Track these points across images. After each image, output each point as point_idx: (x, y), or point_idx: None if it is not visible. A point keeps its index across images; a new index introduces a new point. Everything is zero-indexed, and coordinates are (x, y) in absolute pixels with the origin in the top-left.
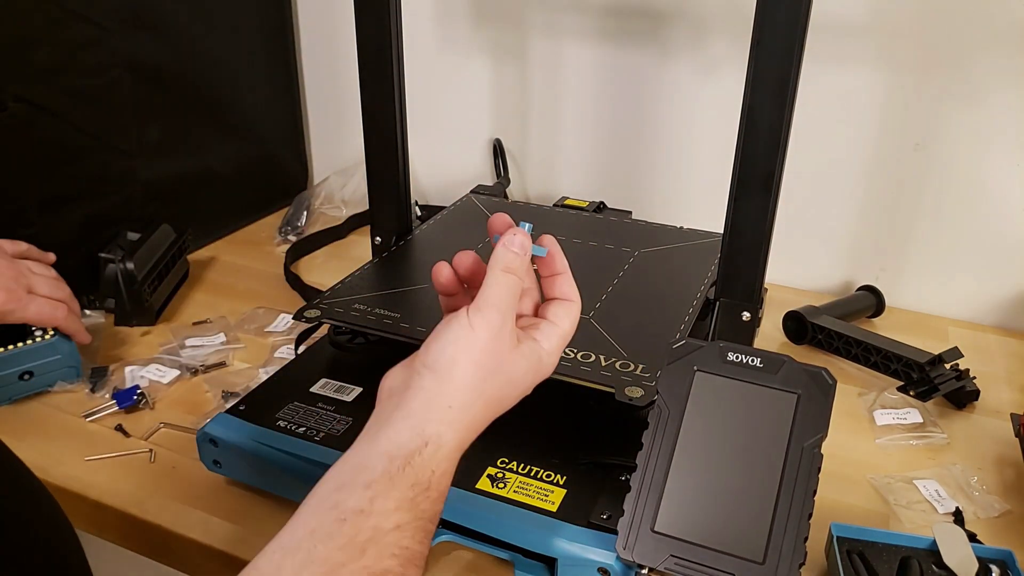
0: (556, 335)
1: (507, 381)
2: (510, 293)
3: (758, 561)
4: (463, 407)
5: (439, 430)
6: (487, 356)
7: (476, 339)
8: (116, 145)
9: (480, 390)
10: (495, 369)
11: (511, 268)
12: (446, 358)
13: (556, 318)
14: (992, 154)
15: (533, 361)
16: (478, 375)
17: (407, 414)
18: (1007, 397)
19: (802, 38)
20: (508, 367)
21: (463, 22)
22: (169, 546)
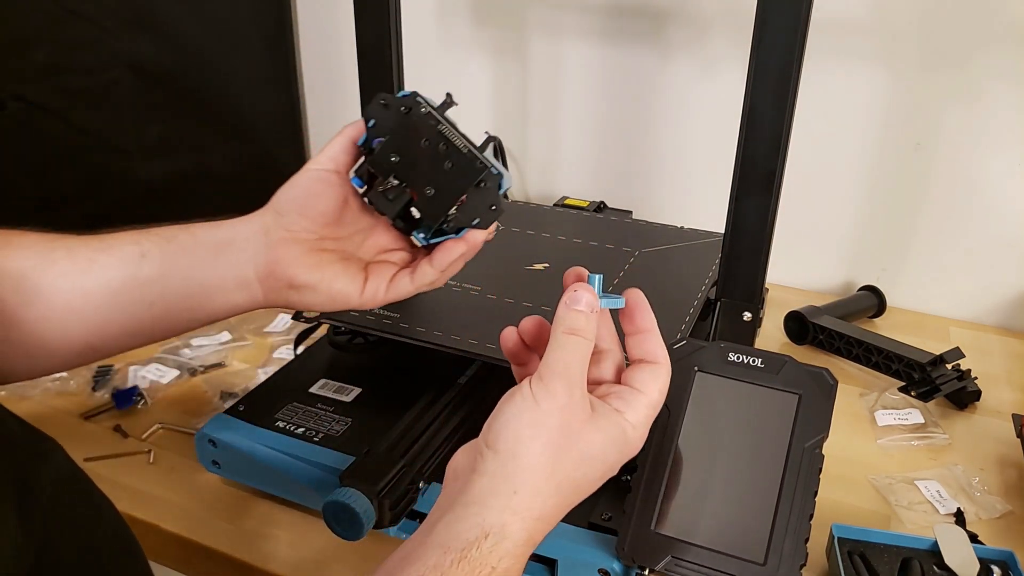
0: (642, 404)
1: (582, 459)
2: (577, 358)
3: (759, 562)
4: (532, 492)
5: (503, 519)
6: (555, 432)
7: (541, 413)
8: (115, 145)
9: (550, 472)
10: (566, 446)
11: (575, 329)
12: (509, 437)
13: (641, 384)
14: (993, 154)
15: (615, 434)
16: (546, 454)
17: (467, 501)
18: (1008, 397)
19: (803, 37)
20: (582, 444)
21: (463, 22)
22: (168, 547)
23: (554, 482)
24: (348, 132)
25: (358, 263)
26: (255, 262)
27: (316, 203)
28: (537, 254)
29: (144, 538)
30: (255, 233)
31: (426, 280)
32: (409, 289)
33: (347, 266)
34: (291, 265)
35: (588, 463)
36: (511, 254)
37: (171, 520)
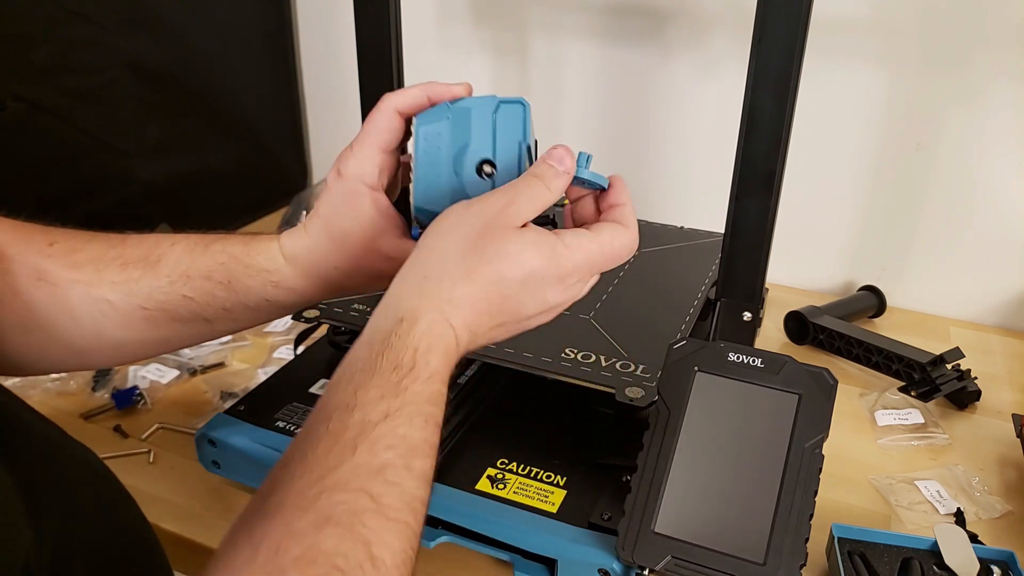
0: (586, 238)
1: (498, 253)
2: (529, 194)
3: (759, 562)
4: (439, 275)
5: (413, 304)
6: (475, 228)
7: (468, 212)
8: (115, 144)
9: (460, 257)
10: (483, 239)
11: (540, 174)
12: (430, 231)
13: (595, 228)
14: (994, 154)
15: (543, 248)
16: (459, 244)
17: (386, 298)
18: (1009, 397)
19: (803, 37)
20: (498, 240)
21: (463, 22)
22: (168, 547)
23: (464, 267)
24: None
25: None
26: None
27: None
28: None
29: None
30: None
31: None
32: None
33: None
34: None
35: (505, 259)
36: None
37: (171, 520)
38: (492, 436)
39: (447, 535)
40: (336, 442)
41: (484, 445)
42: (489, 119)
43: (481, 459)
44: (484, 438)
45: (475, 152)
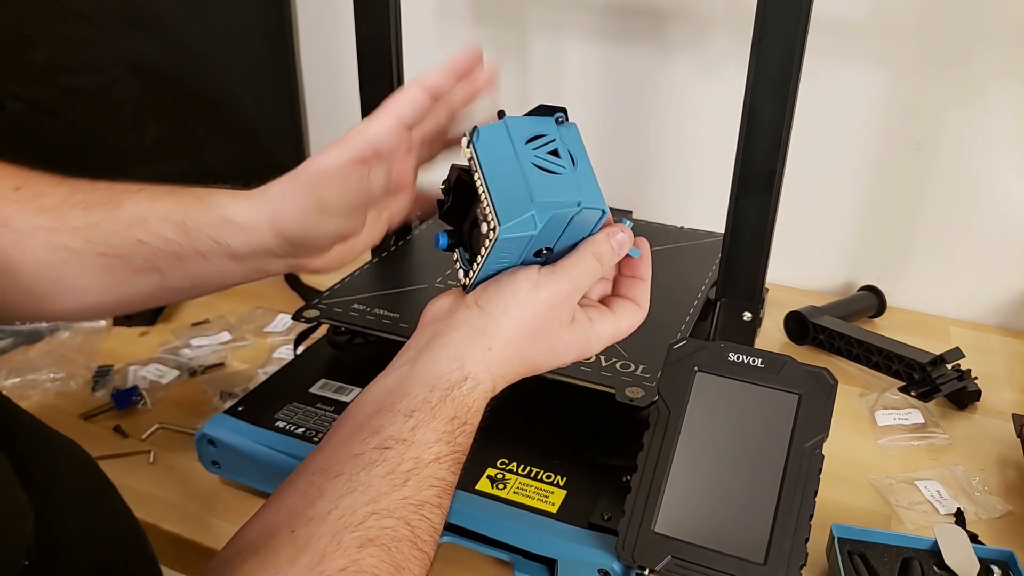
0: (613, 326)
1: (548, 349)
2: (589, 276)
3: (759, 562)
4: (501, 357)
5: (478, 369)
6: (539, 320)
7: (536, 300)
8: (115, 144)
9: (520, 348)
10: (541, 335)
11: (601, 256)
12: (500, 304)
13: (619, 311)
14: (994, 154)
15: (581, 340)
16: (523, 333)
17: (447, 343)
18: (1009, 397)
19: (803, 37)
20: (554, 338)
21: (463, 22)
22: (168, 547)
23: (519, 357)
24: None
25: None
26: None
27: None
28: None
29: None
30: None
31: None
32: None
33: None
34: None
35: (550, 354)
36: None
37: (171, 520)
38: (492, 436)
39: (447, 535)
40: (392, 471)
41: (484, 445)
42: (564, 223)
43: (481, 459)
44: (484, 438)
45: (541, 243)
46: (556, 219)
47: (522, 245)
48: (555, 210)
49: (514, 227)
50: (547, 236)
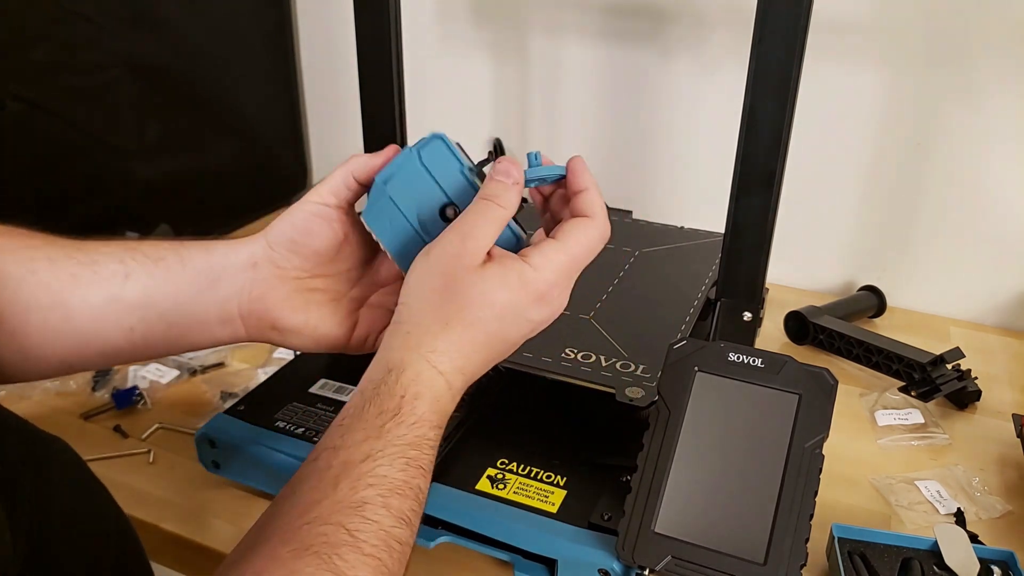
0: (552, 249)
1: (466, 301)
2: (482, 219)
3: (759, 562)
4: (421, 330)
5: (400, 356)
6: (440, 276)
7: (428, 264)
8: (115, 144)
9: (436, 311)
10: (449, 288)
11: (489, 195)
12: (408, 288)
13: (561, 234)
14: (994, 154)
15: (510, 279)
16: (432, 297)
17: (379, 352)
18: (1009, 397)
19: (803, 37)
20: (464, 288)
21: (463, 22)
22: (168, 547)
23: (439, 317)
24: (352, 167)
25: (350, 304)
26: (239, 299)
27: (311, 241)
28: None
29: (144, 538)
30: (244, 266)
31: None
32: None
33: (336, 308)
34: (275, 307)
35: (473, 304)
36: None
37: (171, 520)
38: (492, 436)
39: (447, 535)
40: (321, 479)
41: (484, 445)
42: (421, 170)
43: (481, 459)
44: (484, 438)
45: (430, 206)
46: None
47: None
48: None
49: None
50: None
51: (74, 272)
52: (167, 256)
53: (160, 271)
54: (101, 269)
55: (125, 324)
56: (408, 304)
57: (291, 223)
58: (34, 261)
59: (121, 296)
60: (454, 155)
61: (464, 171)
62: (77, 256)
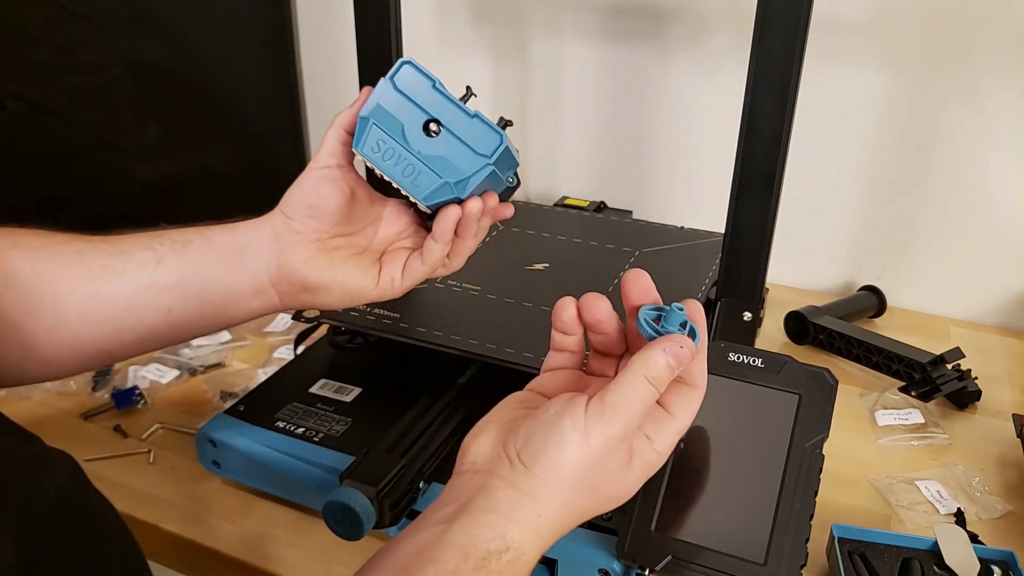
0: (672, 432)
1: (607, 498)
2: (643, 404)
3: (759, 562)
4: (553, 518)
5: (523, 536)
6: (594, 471)
7: (587, 450)
8: (115, 144)
9: (575, 504)
10: (599, 486)
11: (655, 379)
12: (547, 462)
13: (675, 408)
14: (994, 154)
15: (644, 471)
16: (577, 488)
17: (488, 507)
18: (1009, 397)
19: (803, 37)
20: (611, 485)
21: (463, 22)
22: (168, 547)
23: (574, 512)
24: (339, 122)
25: (371, 255)
26: (268, 268)
27: (324, 203)
28: (537, 254)
29: (144, 538)
30: (267, 238)
31: (434, 257)
32: (422, 271)
33: (360, 260)
34: (303, 268)
35: (610, 501)
36: (511, 254)
37: (171, 520)
38: None
39: None
40: None
41: None
42: (398, 95)
43: None
44: None
45: (413, 125)
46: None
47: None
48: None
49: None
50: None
51: (105, 263)
52: (194, 239)
53: (189, 253)
54: (131, 257)
55: (162, 306)
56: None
57: (302, 190)
58: (64, 256)
59: (155, 281)
60: (425, 75)
61: (437, 86)
62: (105, 247)
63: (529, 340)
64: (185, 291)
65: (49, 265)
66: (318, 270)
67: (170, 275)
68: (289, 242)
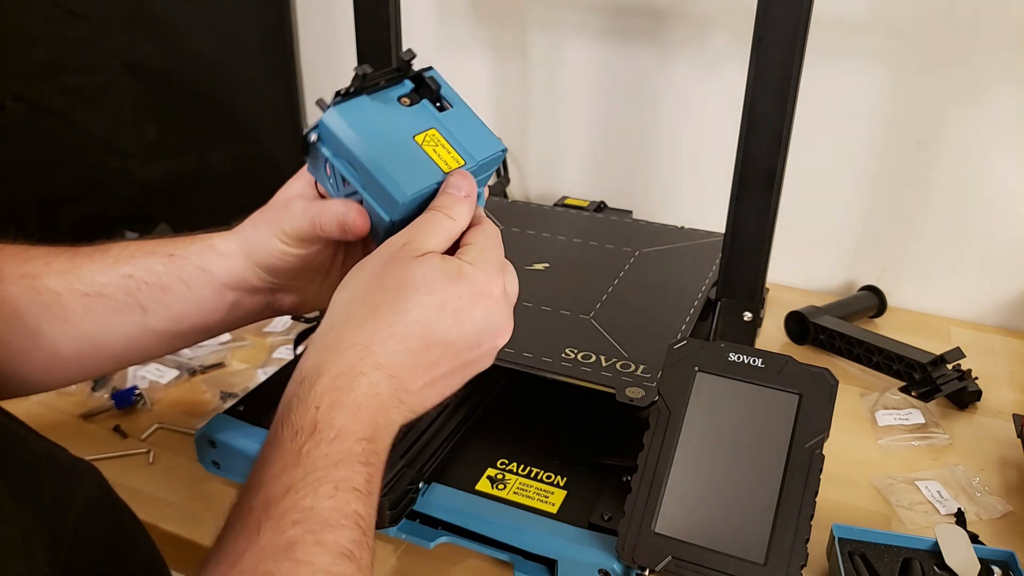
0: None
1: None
2: (428, 226)
3: (759, 563)
4: (343, 323)
5: (316, 361)
6: (372, 268)
7: (367, 260)
8: (114, 145)
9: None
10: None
11: (438, 206)
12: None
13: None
14: (994, 154)
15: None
16: (361, 288)
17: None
18: (1009, 397)
19: (803, 36)
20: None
21: (463, 21)
22: (168, 547)
23: (368, 304)
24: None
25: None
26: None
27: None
28: (537, 254)
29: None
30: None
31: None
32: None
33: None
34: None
35: (408, 287)
36: (511, 254)
37: (171, 520)
38: (492, 436)
39: (447, 535)
40: (243, 525)
41: (484, 445)
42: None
43: (481, 459)
44: (484, 438)
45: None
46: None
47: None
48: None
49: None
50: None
51: (85, 305)
52: (172, 284)
53: (172, 300)
54: (111, 301)
55: (166, 345)
56: (333, 301)
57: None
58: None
59: (147, 327)
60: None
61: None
62: (77, 287)
63: (529, 340)
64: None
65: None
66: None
67: (161, 323)
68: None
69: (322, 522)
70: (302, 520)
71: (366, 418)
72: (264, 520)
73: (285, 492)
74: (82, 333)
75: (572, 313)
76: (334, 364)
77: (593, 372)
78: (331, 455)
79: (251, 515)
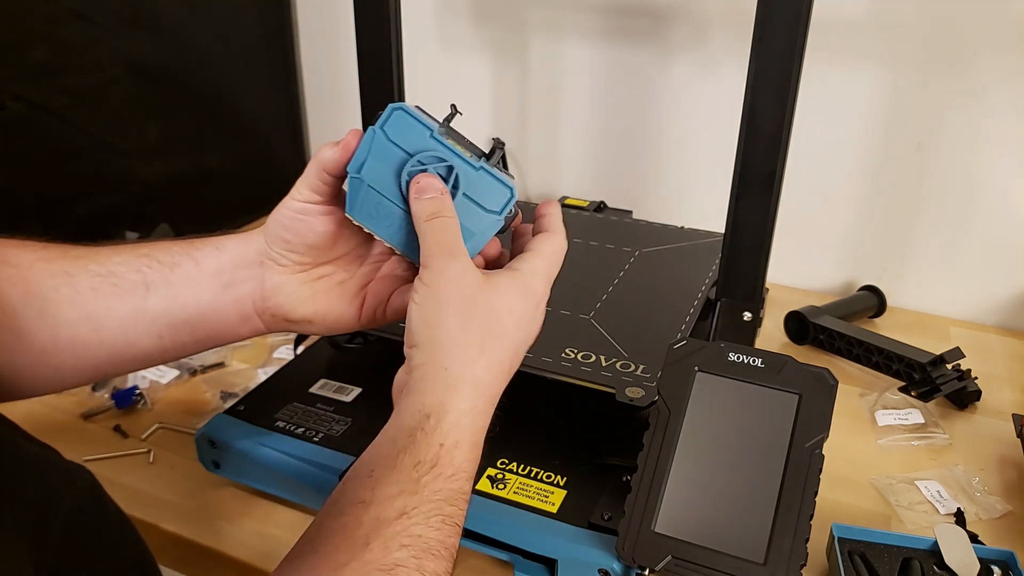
0: (534, 258)
1: (491, 312)
2: (446, 235)
3: (759, 562)
4: (460, 361)
5: (440, 398)
6: (456, 302)
7: (438, 292)
8: (114, 144)
9: (467, 339)
10: (470, 308)
11: (433, 213)
12: (422, 327)
13: (533, 245)
14: (994, 154)
15: (514, 284)
16: (457, 324)
17: (407, 396)
18: (1009, 397)
19: (803, 36)
20: (484, 302)
21: (463, 21)
22: (168, 547)
23: (475, 343)
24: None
25: (356, 284)
26: (253, 297)
27: (301, 239)
28: None
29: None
30: (253, 263)
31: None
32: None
33: (343, 291)
34: (285, 303)
35: (498, 315)
36: None
37: (171, 520)
38: (492, 436)
39: None
40: (348, 538)
41: (484, 445)
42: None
43: (481, 459)
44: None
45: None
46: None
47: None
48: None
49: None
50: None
51: (93, 285)
52: (182, 262)
53: (177, 277)
54: (120, 280)
55: (154, 333)
56: (429, 341)
57: (279, 223)
58: (54, 277)
59: (145, 307)
60: (419, 121)
61: (434, 135)
62: (92, 267)
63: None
64: (175, 318)
65: (39, 287)
66: (299, 303)
67: (159, 303)
68: (272, 270)
69: (426, 551)
70: (410, 545)
71: (476, 457)
72: (374, 537)
73: (398, 516)
74: (82, 314)
75: (572, 313)
76: (458, 404)
77: (593, 372)
78: (444, 491)
79: (359, 529)
